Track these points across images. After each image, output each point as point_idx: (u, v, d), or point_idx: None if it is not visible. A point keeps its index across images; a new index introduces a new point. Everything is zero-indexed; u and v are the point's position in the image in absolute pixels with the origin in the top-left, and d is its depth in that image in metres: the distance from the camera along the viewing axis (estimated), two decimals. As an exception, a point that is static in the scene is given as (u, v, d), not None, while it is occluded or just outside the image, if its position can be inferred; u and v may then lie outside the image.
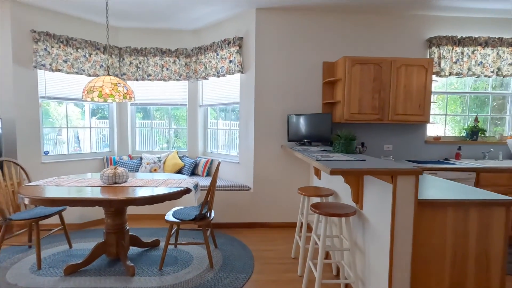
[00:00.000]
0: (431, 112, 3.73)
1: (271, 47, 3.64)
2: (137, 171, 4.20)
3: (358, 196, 2.10)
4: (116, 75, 4.22)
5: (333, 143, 2.60)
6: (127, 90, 2.68)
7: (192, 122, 4.49)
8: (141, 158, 4.34)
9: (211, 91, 4.32)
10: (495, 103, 3.98)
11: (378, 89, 3.39)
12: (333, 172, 1.61)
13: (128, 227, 2.84)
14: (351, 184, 2.08)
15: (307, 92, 3.70)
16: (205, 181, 3.89)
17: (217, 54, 3.95)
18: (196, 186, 2.81)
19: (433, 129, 3.95)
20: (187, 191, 2.61)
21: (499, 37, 3.63)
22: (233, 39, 3.74)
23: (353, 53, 3.71)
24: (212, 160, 4.31)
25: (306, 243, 3.09)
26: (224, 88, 4.16)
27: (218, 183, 3.85)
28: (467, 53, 3.64)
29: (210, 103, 4.36)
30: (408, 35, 3.70)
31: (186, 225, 3.32)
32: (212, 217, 2.82)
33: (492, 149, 3.83)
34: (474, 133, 3.79)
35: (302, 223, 3.29)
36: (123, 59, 4.22)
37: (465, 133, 3.89)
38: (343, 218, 2.42)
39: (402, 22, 3.69)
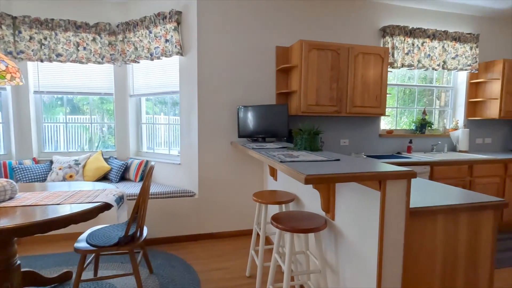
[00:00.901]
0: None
1: (216, 25, 3.06)
2: (44, 180, 3.24)
3: (329, 204, 1.70)
4: (10, 53, 3.17)
5: (294, 139, 2.17)
6: (6, 67, 1.84)
7: (121, 116, 3.67)
8: (51, 162, 3.38)
9: (145, 77, 3.56)
10: (425, 99, 4.05)
11: (336, 79, 3.09)
12: (309, 181, 1.15)
13: (18, 262, 2.01)
14: (321, 189, 1.66)
15: (259, 80, 3.23)
16: (138, 188, 3.16)
17: (150, 32, 3.22)
18: (120, 198, 2.12)
19: (383, 123, 3.86)
20: (105, 207, 1.92)
21: (444, 30, 3.65)
22: (169, 13, 3.05)
23: (308, 37, 3.36)
24: (147, 161, 3.57)
25: (265, 259, 2.64)
26: (161, 74, 3.44)
27: (155, 189, 3.16)
28: (417, 45, 3.58)
29: (144, 92, 3.59)
30: (363, 22, 3.49)
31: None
32: (143, 237, 2.17)
33: (439, 142, 3.89)
34: (422, 126, 3.80)
35: (258, 234, 2.83)
36: (20, 32, 3.19)
37: (414, 126, 3.88)
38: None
39: (357, 7, 3.45)
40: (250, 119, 3.05)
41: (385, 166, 1.35)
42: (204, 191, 3.16)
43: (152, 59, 3.27)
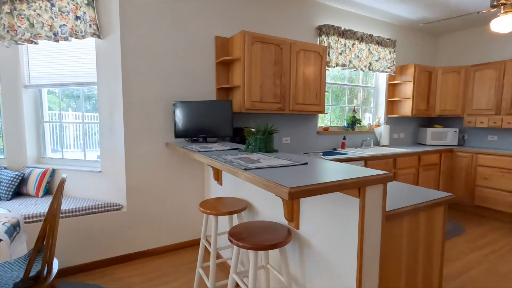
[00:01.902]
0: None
1: (145, 5, 2.57)
2: None
3: (292, 212, 1.52)
4: None
5: (247, 139, 1.94)
6: None
7: (12, 112, 2.81)
8: None
9: (47, 63, 2.79)
10: (344, 98, 4.39)
11: (279, 75, 2.97)
12: (293, 195, 0.93)
13: None
14: (285, 196, 1.47)
15: (197, 73, 2.88)
16: (41, 206, 2.45)
17: (53, 5, 2.51)
18: (13, 227, 1.53)
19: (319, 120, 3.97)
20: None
21: (370, 34, 3.94)
22: (80, -17, 2.43)
23: (249, 29, 3.15)
24: (53, 170, 2.82)
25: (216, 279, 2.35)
26: (71, 61, 2.75)
27: (68, 205, 2.50)
28: (349, 46, 3.77)
29: (46, 83, 2.82)
30: (301, 19, 3.47)
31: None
32: (53, 274, 1.63)
33: (368, 138, 4.21)
34: (353, 123, 4.04)
35: (206, 249, 2.50)
36: None
37: (345, 124, 4.10)
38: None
39: (296, 4, 3.41)
40: (188, 116, 2.68)
41: (361, 171, 1.24)
42: (134, 202, 2.66)
43: (56, 40, 2.56)
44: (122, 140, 2.57)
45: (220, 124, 2.69)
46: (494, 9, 2.58)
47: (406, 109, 4.31)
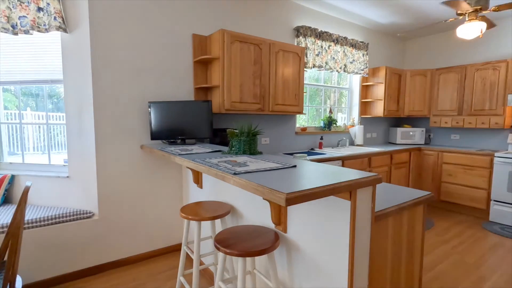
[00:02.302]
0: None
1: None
2: None
3: (280, 216, 1.50)
4: None
5: (231, 141, 1.88)
6: None
7: (-38, 112, 2.51)
8: None
9: (4, 58, 2.53)
10: (318, 99, 4.50)
11: (258, 75, 2.94)
12: (291, 201, 0.89)
13: None
14: (272, 200, 1.44)
15: (175, 72, 2.76)
16: (1, 217, 2.21)
17: (10, -6, 2.27)
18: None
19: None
20: None
21: (345, 37, 4.04)
22: (43, -29, 2.22)
23: (228, 28, 3.08)
24: (12, 176, 2.56)
25: (199, 286, 2.27)
26: (33, 56, 2.51)
27: (33, 214, 2.28)
28: (325, 48, 3.83)
29: (3, 80, 2.55)
30: (279, 20, 3.46)
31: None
32: (17, 294, 1.46)
33: (344, 138, 4.32)
34: (329, 123, 4.12)
35: (187, 256, 2.40)
36: None
37: (322, 124, 4.17)
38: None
39: (274, 4, 3.40)
40: (165, 117, 2.56)
41: (351, 173, 1.24)
42: (107, 209, 2.49)
43: (15, 33, 2.32)
44: (93, 142, 2.39)
45: (199, 125, 2.60)
46: (460, 17, 2.75)
47: (378, 109, 4.48)
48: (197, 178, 2.42)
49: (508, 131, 4.08)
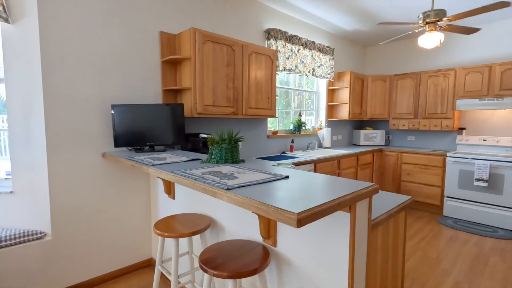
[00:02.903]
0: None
1: (71, -13, 2.12)
2: None
3: (269, 229, 1.41)
4: None
5: (210, 149, 1.74)
6: None
7: None
8: None
9: None
10: (283, 102, 4.56)
11: (232, 77, 2.83)
12: (303, 221, 0.81)
13: None
14: (262, 213, 1.35)
15: (140, 72, 2.52)
16: None
17: None
18: None
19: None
20: None
21: (313, 41, 4.10)
22: None
23: (198, 26, 2.92)
24: None
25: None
26: (-40, 49, 2.09)
27: (-39, 241, 1.89)
28: (295, 51, 3.85)
29: None
30: (249, 21, 3.38)
31: None
32: None
33: (313, 140, 4.37)
34: (299, 126, 4.15)
35: (162, 276, 2.19)
36: None
37: (292, 127, 4.19)
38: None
39: (245, 5, 3.31)
40: (131, 122, 2.31)
41: (346, 183, 1.20)
42: (62, 228, 2.17)
43: None
44: (44, 151, 2.07)
45: (170, 130, 2.40)
46: (422, 28, 2.93)
47: (344, 113, 4.64)
48: (169, 188, 2.22)
49: (456, 133, 4.50)
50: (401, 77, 4.71)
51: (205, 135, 2.66)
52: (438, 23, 2.82)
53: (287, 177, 1.30)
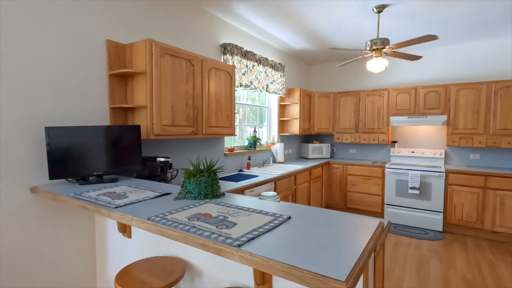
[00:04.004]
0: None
1: (-12, -22, 1.64)
2: None
3: (264, 273, 1.26)
4: None
5: (184, 183, 1.50)
6: None
7: None
8: None
9: None
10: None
11: (191, 94, 2.60)
12: (353, 291, 0.69)
13: None
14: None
15: (82, 88, 2.11)
16: None
17: None
18: None
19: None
20: None
21: (266, 57, 4.13)
22: None
23: (151, 36, 2.62)
24: None
25: None
26: None
27: None
28: (250, 67, 3.80)
29: None
30: (205, 34, 3.21)
31: None
32: None
33: (269, 156, 4.35)
34: (254, 142, 4.09)
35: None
36: None
37: (247, 143, 4.10)
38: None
39: (200, 17, 3.12)
40: (72, 148, 1.89)
41: (352, 220, 1.14)
42: (-28, 293, 1.62)
43: None
44: None
45: (123, 156, 2.05)
46: (369, 54, 3.19)
47: (294, 128, 4.76)
48: (124, 226, 1.87)
49: (390, 146, 5.04)
50: (343, 94, 5.09)
51: (162, 159, 2.37)
52: (383, 50, 3.11)
53: (289, 218, 1.18)
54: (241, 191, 2.77)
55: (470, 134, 4.09)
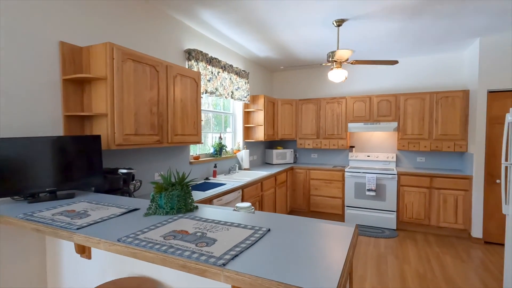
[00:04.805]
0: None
1: None
2: None
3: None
4: None
5: (154, 198, 1.42)
6: None
7: None
8: None
9: None
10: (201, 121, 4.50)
11: (156, 101, 2.49)
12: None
13: None
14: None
15: (30, 93, 1.89)
16: None
17: None
18: None
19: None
20: None
21: (231, 64, 4.12)
22: None
23: (110, 39, 2.45)
24: None
25: None
26: None
27: None
28: (215, 74, 3.76)
29: None
30: (169, 39, 3.10)
31: None
32: None
33: (235, 163, 4.31)
34: (220, 149, 4.04)
35: None
36: None
37: (213, 150, 4.03)
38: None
39: (163, 19, 3.01)
40: (20, 161, 1.68)
41: (328, 229, 1.17)
42: None
43: None
44: None
45: (80, 169, 1.87)
46: (330, 63, 3.36)
47: (259, 134, 4.81)
48: (83, 247, 1.70)
49: (348, 150, 5.34)
50: (305, 102, 5.29)
51: (125, 170, 2.22)
52: (344, 62, 3.30)
53: (269, 230, 1.17)
54: (209, 200, 2.70)
55: (417, 139, 4.52)
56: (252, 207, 1.56)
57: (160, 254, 0.95)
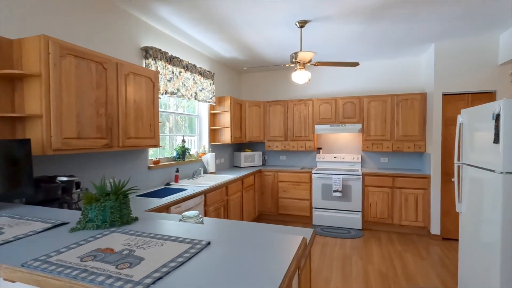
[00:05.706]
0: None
1: None
2: None
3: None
4: None
5: (85, 210, 1.25)
6: None
7: None
8: None
9: None
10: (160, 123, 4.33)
11: (104, 101, 2.28)
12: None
13: None
14: None
15: None
16: None
17: None
18: None
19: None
20: None
21: (194, 64, 3.96)
22: None
23: (51, 33, 2.21)
24: None
25: None
26: None
27: None
28: (176, 74, 3.58)
29: None
30: (123, 35, 2.89)
31: None
32: None
33: (200, 167, 4.14)
34: (183, 153, 3.86)
35: None
36: None
37: (176, 154, 3.84)
38: None
39: (116, 15, 2.80)
40: None
41: (276, 239, 1.08)
42: None
43: None
44: None
45: (5, 178, 1.64)
46: (293, 65, 3.33)
47: (226, 136, 4.68)
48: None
49: (316, 152, 5.37)
50: (273, 103, 5.24)
51: (65, 178, 2.00)
52: (307, 63, 3.28)
53: (208, 243, 1.05)
54: (166, 208, 2.53)
55: (380, 140, 4.63)
56: (201, 216, 1.43)
57: (68, 281, 0.80)
